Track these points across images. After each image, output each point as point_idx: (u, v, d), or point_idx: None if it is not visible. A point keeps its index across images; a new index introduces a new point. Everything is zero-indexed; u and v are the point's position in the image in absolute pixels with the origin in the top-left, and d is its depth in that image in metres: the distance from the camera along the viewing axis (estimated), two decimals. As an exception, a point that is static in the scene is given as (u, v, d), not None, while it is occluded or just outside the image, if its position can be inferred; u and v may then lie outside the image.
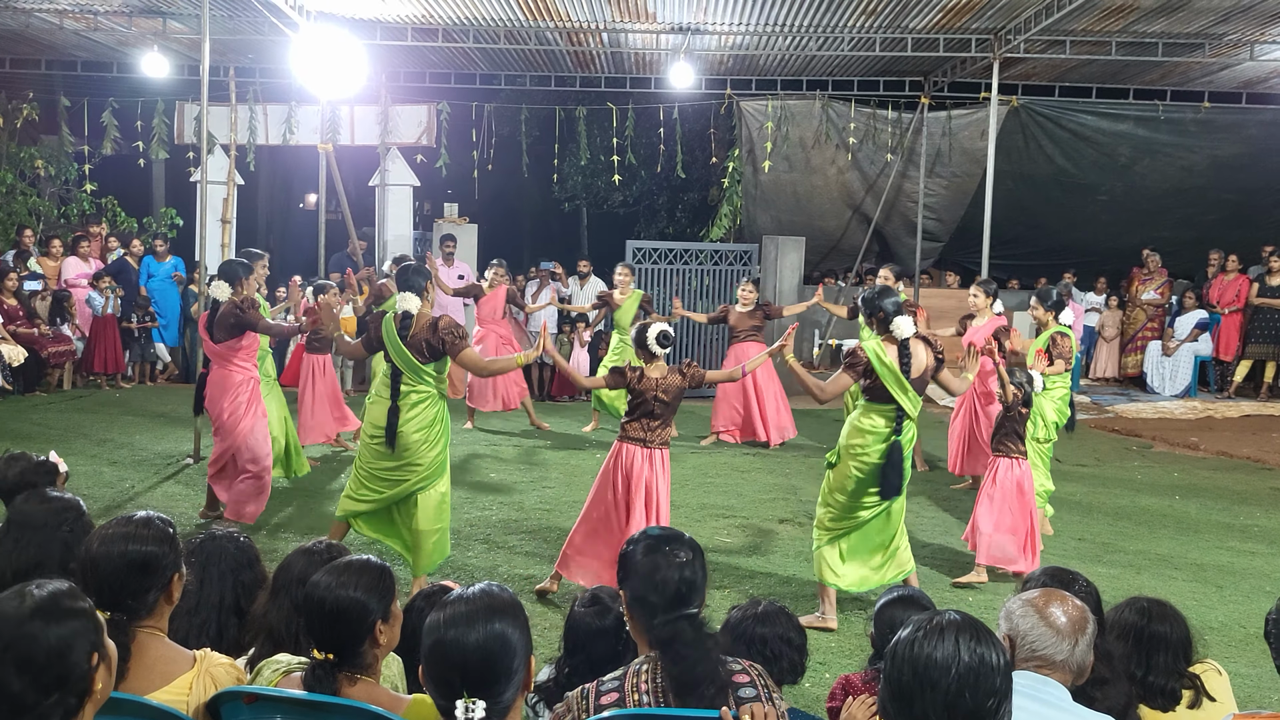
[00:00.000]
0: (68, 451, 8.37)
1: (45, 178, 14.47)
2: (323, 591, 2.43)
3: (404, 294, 5.65)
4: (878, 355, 5.46)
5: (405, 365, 5.58)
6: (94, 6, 11.69)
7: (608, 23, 11.73)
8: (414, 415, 5.60)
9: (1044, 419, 7.17)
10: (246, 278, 6.91)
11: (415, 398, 5.61)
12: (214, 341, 6.82)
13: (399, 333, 5.58)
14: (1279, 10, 10.41)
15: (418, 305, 5.62)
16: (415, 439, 5.60)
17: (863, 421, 5.56)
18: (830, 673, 4.77)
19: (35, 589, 1.92)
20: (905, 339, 5.47)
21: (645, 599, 2.47)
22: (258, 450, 6.82)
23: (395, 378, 5.61)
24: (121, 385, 12.59)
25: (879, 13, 11.05)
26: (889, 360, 5.44)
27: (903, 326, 5.47)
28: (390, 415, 5.58)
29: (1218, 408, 12.71)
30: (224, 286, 6.79)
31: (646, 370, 5.64)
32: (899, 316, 5.49)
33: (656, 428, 5.63)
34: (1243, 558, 6.98)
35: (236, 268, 6.93)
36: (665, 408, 5.62)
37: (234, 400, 6.80)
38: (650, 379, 5.61)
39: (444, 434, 5.75)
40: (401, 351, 5.56)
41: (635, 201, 19.75)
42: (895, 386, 5.44)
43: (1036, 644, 2.41)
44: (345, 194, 14.19)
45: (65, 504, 3.20)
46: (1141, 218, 15.49)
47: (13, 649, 1.81)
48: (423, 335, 5.55)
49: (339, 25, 11.59)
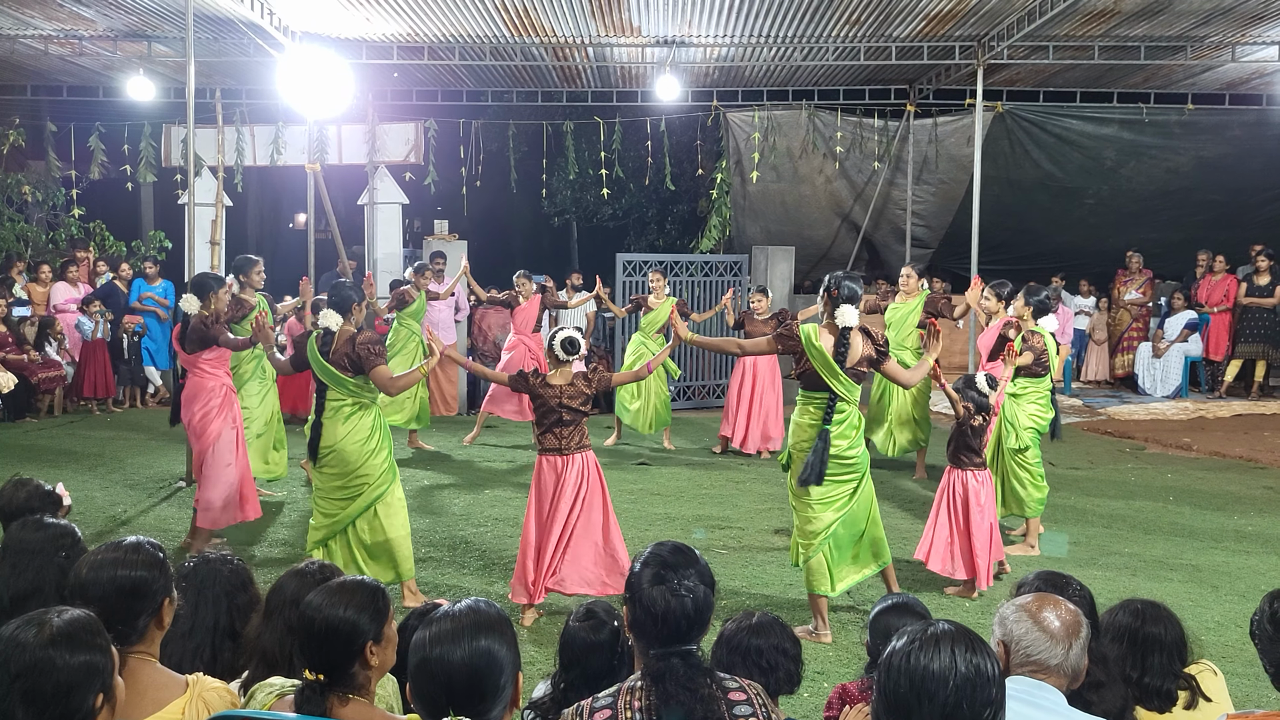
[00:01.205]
0: (60, 476, 8.30)
1: (33, 203, 14.44)
2: (313, 611, 2.41)
3: (327, 310, 5.87)
4: (809, 337, 5.42)
5: (329, 378, 5.78)
6: (79, 31, 11.69)
7: (593, 37, 11.76)
8: (349, 428, 5.76)
9: (1015, 427, 7.03)
10: (217, 291, 7.10)
11: (347, 410, 5.78)
12: (185, 351, 7.00)
13: (320, 350, 5.80)
14: (1260, 12, 10.49)
15: (339, 322, 5.82)
16: (354, 450, 5.74)
17: (802, 418, 5.55)
18: (828, 682, 4.76)
19: (55, 617, 1.90)
20: (846, 328, 5.44)
21: (643, 627, 2.40)
22: (226, 456, 6.91)
23: (320, 393, 5.84)
24: (112, 409, 12.55)
25: (862, 22, 11.10)
26: (819, 344, 5.39)
27: (847, 315, 5.42)
28: (314, 429, 5.80)
29: (1209, 408, 12.75)
30: (194, 300, 7.00)
31: (549, 377, 5.70)
32: (846, 305, 5.43)
33: (569, 434, 5.69)
34: (1237, 557, 6.99)
35: (209, 282, 7.13)
36: (574, 414, 5.67)
37: (205, 405, 6.94)
38: (552, 386, 5.66)
39: (385, 441, 5.91)
40: (324, 366, 5.77)
41: (625, 214, 19.76)
42: (825, 370, 5.38)
43: (1031, 649, 2.41)
44: (334, 213, 14.17)
45: (62, 530, 3.20)
46: (1129, 220, 15.56)
47: (24, 678, 1.80)
48: (343, 350, 5.75)
49: (324, 45, 11.61)
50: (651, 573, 2.42)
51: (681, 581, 2.39)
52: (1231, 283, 13.70)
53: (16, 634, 1.87)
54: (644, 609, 2.38)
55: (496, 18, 10.94)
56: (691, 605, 2.38)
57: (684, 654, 2.37)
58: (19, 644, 1.83)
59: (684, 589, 2.38)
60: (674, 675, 2.32)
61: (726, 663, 3.13)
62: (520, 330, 11.02)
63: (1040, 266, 15.42)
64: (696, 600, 2.39)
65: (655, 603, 2.37)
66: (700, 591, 2.40)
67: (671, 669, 2.33)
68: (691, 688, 2.31)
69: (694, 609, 2.38)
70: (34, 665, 1.81)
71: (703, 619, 2.41)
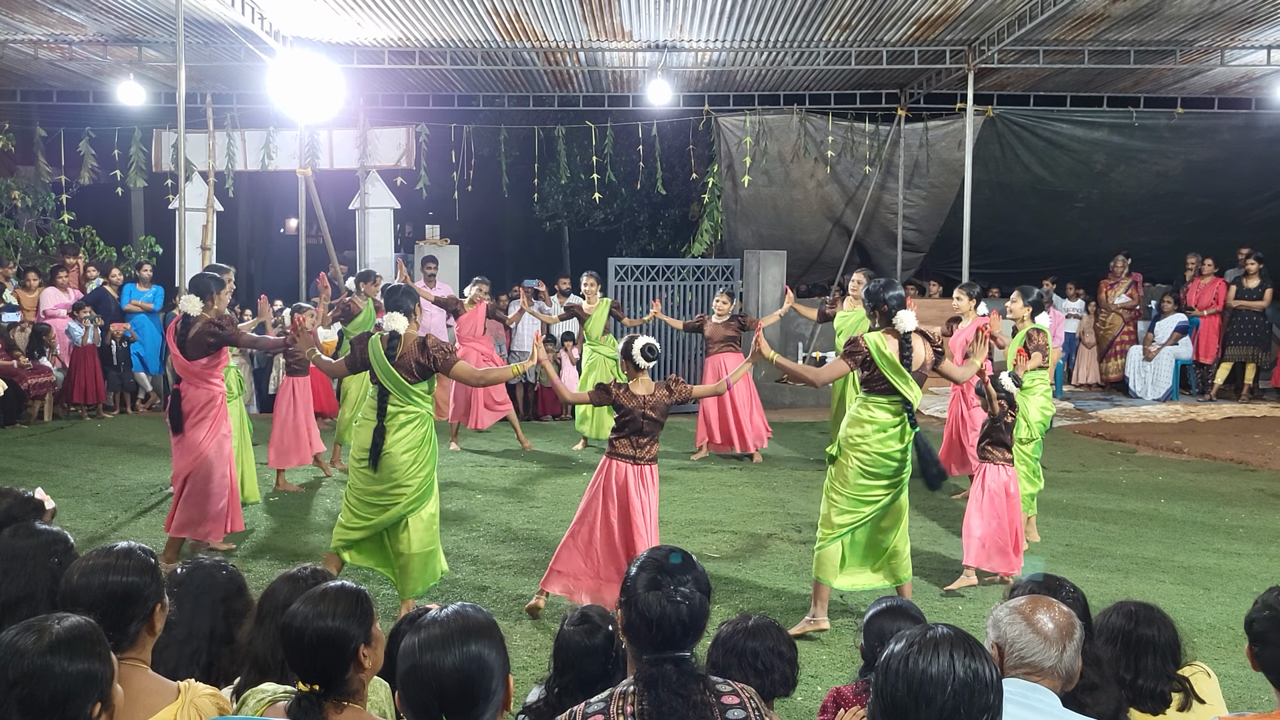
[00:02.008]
0: (50, 483, 8.30)
1: (22, 209, 14.39)
2: (301, 622, 2.38)
3: (392, 314, 5.64)
4: (878, 346, 5.50)
5: (394, 385, 5.57)
6: (69, 36, 11.67)
7: (584, 42, 11.77)
8: (402, 435, 5.58)
9: (1027, 420, 7.17)
10: (218, 292, 6.74)
11: (403, 418, 5.60)
12: (187, 358, 6.65)
13: (386, 353, 5.57)
14: (1248, 16, 10.55)
15: (405, 326, 5.60)
16: (404, 459, 5.58)
17: (861, 413, 5.59)
18: (822, 685, 4.75)
19: (56, 624, 1.88)
20: (907, 333, 5.53)
21: (638, 632, 2.38)
22: (216, 468, 6.66)
23: (382, 398, 5.60)
24: (103, 415, 12.50)
25: (853, 26, 11.14)
26: (888, 351, 5.48)
27: (905, 320, 5.53)
28: (376, 435, 5.56)
29: (1200, 410, 12.79)
30: (195, 301, 6.64)
31: (631, 386, 5.62)
32: (902, 310, 5.56)
33: (645, 444, 5.62)
34: (1229, 559, 7.01)
35: (209, 282, 6.73)
36: (653, 424, 5.61)
37: (199, 415, 6.66)
38: (636, 396, 5.58)
39: (433, 455, 5.73)
40: (390, 372, 5.55)
41: (616, 219, 19.78)
42: (896, 376, 5.47)
43: (1024, 651, 2.41)
44: (325, 218, 14.17)
45: (54, 537, 3.17)
46: (1118, 223, 15.62)
47: (21, 686, 1.78)
48: (411, 355, 5.55)
49: (315, 50, 11.60)
50: (647, 578, 2.40)
51: (678, 588, 2.37)
52: (1220, 286, 13.75)
53: (16, 640, 1.85)
54: (639, 614, 2.37)
55: (488, 22, 10.95)
56: (687, 612, 2.36)
57: (677, 660, 2.35)
58: (18, 651, 1.81)
59: (680, 595, 2.36)
60: (667, 682, 2.30)
61: (722, 665, 3.13)
62: (466, 339, 10.71)
63: (1031, 270, 15.45)
64: (692, 607, 2.37)
65: (650, 608, 2.35)
66: (696, 598, 2.38)
67: (664, 675, 2.32)
68: (684, 694, 2.29)
69: (689, 616, 2.36)
70: (32, 673, 1.79)
71: (698, 626, 2.39)
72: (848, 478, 5.56)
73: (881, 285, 5.68)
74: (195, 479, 6.64)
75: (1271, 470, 9.80)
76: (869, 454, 5.51)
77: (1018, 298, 7.49)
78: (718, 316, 10.34)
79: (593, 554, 5.64)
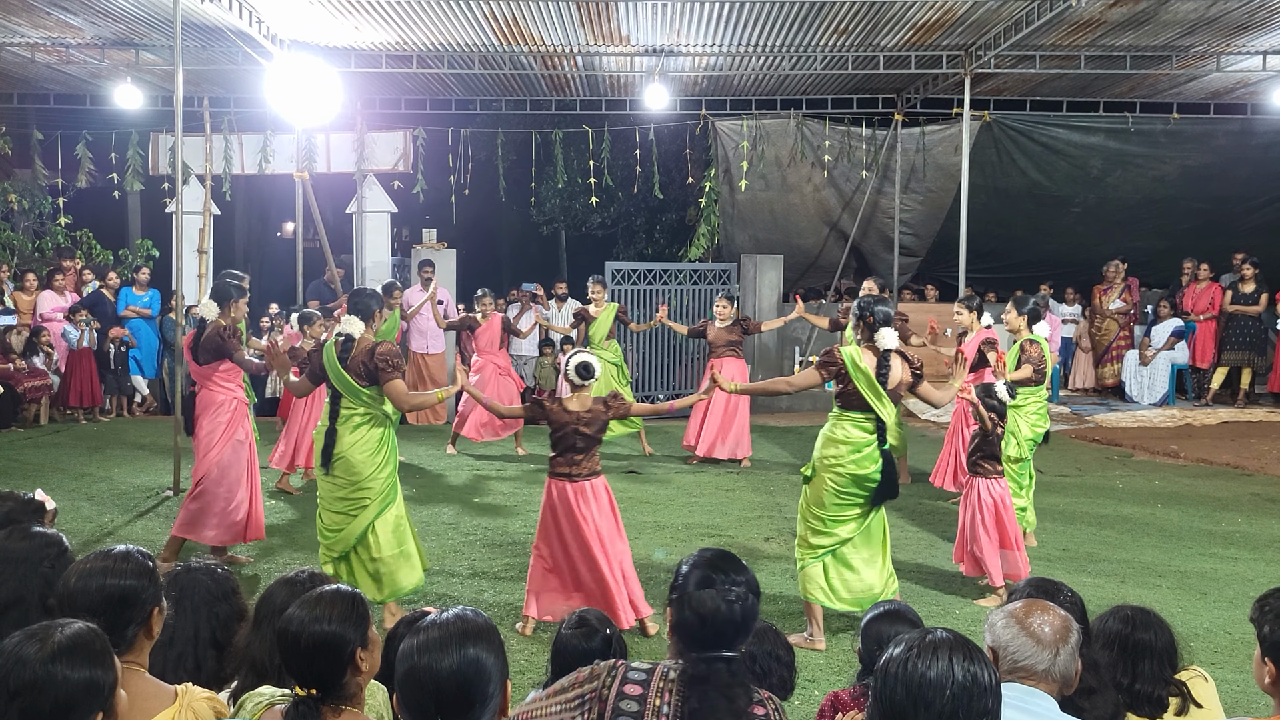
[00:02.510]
0: (46, 487, 8.22)
1: (19, 212, 14.37)
2: (297, 626, 2.38)
3: (349, 317, 5.74)
4: (853, 360, 5.45)
5: (344, 387, 5.67)
6: (66, 39, 11.66)
7: (582, 46, 11.78)
8: (358, 438, 5.66)
9: (1018, 436, 7.11)
10: (237, 300, 6.77)
11: (356, 420, 5.69)
12: (197, 363, 6.71)
13: (339, 357, 5.67)
14: (1244, 22, 10.58)
15: (360, 330, 5.71)
16: (361, 460, 5.65)
17: (836, 432, 5.53)
18: (819, 689, 4.75)
19: (59, 631, 1.87)
20: (886, 351, 5.48)
21: (689, 629, 2.39)
22: (227, 473, 6.65)
23: (335, 401, 5.72)
24: (99, 418, 12.48)
25: (851, 31, 11.15)
26: (864, 366, 5.43)
27: (886, 338, 5.48)
28: (327, 436, 5.68)
29: (1196, 415, 12.80)
30: (213, 306, 6.69)
31: (566, 402, 5.58)
32: (885, 328, 5.50)
33: (580, 460, 5.57)
34: (1226, 564, 7.02)
35: (229, 288, 6.77)
36: (588, 440, 5.55)
37: (214, 419, 6.68)
38: (570, 412, 5.53)
39: (392, 456, 5.80)
40: (340, 374, 5.65)
41: (613, 223, 19.78)
42: (870, 392, 5.41)
43: (1018, 654, 2.41)
44: (322, 222, 14.15)
45: (47, 539, 3.16)
46: (1115, 228, 15.64)
47: (23, 695, 1.77)
48: (360, 358, 5.63)
49: (313, 53, 11.60)
50: (700, 575, 2.43)
51: (731, 586, 2.41)
52: (1216, 291, 13.79)
53: (19, 649, 1.84)
54: (692, 610, 2.39)
55: (485, 27, 10.95)
56: (740, 611, 2.39)
57: (729, 660, 2.37)
58: (20, 659, 1.80)
59: (734, 594, 2.40)
60: (717, 681, 2.33)
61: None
62: (485, 350, 10.65)
63: (1027, 275, 15.49)
64: (745, 607, 2.41)
65: (704, 604, 2.38)
66: (749, 599, 2.42)
67: (715, 674, 2.34)
68: (730, 696, 2.32)
69: (741, 615, 2.39)
70: (34, 682, 1.78)
71: (747, 627, 2.42)
72: (823, 499, 5.50)
73: (872, 299, 5.63)
74: (206, 480, 6.65)
75: (1267, 475, 9.82)
76: (844, 475, 5.44)
77: (1012, 308, 7.45)
78: (720, 321, 10.34)
79: (559, 570, 5.63)
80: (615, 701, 2.35)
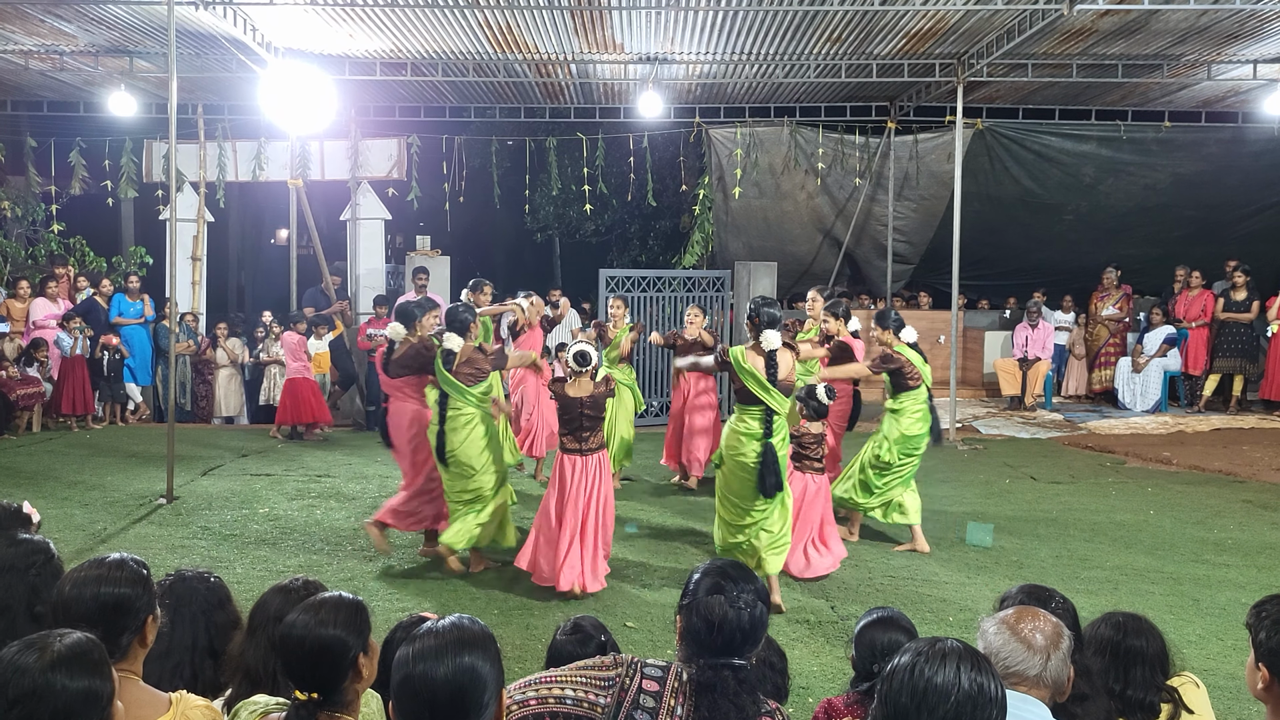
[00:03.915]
0: (38, 494, 8.28)
1: (12, 219, 14.35)
2: (301, 630, 2.38)
3: (448, 334, 6.57)
4: (738, 358, 6.08)
5: (452, 389, 6.52)
6: (60, 47, 11.66)
7: (576, 54, 11.81)
8: (466, 435, 6.49)
9: (889, 440, 7.30)
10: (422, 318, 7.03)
11: (464, 418, 6.50)
12: (389, 376, 6.98)
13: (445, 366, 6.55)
14: (1234, 31, 10.63)
15: (460, 344, 6.56)
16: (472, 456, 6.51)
17: (737, 425, 6.16)
18: (813, 696, 4.76)
19: (58, 641, 1.87)
20: (772, 350, 6.03)
21: (698, 636, 2.41)
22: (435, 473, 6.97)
23: (443, 403, 6.51)
24: (92, 426, 12.45)
25: (844, 40, 11.19)
26: (748, 364, 6.04)
27: (770, 340, 6.04)
28: (438, 437, 6.51)
29: (1188, 422, 12.84)
30: (399, 329, 6.95)
31: (569, 388, 6.35)
32: (769, 330, 6.07)
33: (588, 437, 6.38)
34: (1218, 570, 7.04)
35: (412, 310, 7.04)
36: (592, 420, 6.38)
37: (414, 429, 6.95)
38: (573, 397, 6.32)
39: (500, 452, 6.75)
40: (448, 379, 6.53)
41: (607, 230, 19.81)
42: (757, 387, 6.02)
43: (1008, 660, 2.43)
44: (316, 229, 14.18)
45: (34, 546, 3.14)
46: (1107, 236, 15.71)
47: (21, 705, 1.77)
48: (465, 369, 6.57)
49: (307, 61, 11.60)
50: (710, 582, 2.45)
51: (741, 594, 2.42)
52: (1209, 298, 13.84)
53: (17, 658, 1.84)
54: (701, 617, 2.41)
55: (479, 34, 10.97)
56: (748, 619, 2.41)
57: (737, 668, 2.39)
58: (19, 669, 1.80)
59: (743, 601, 2.41)
60: (725, 689, 2.36)
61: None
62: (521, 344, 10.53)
63: (1020, 282, 15.55)
64: (754, 615, 2.42)
65: (713, 611, 2.40)
66: (758, 608, 2.44)
67: (723, 682, 2.36)
68: (739, 704, 2.34)
69: (749, 623, 2.41)
70: (33, 691, 1.78)
71: (756, 635, 2.43)
72: (732, 486, 6.22)
73: (761, 301, 6.23)
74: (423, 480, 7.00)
75: (1259, 481, 9.85)
76: (747, 464, 6.07)
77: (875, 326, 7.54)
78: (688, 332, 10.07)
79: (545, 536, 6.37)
80: (636, 694, 2.39)
